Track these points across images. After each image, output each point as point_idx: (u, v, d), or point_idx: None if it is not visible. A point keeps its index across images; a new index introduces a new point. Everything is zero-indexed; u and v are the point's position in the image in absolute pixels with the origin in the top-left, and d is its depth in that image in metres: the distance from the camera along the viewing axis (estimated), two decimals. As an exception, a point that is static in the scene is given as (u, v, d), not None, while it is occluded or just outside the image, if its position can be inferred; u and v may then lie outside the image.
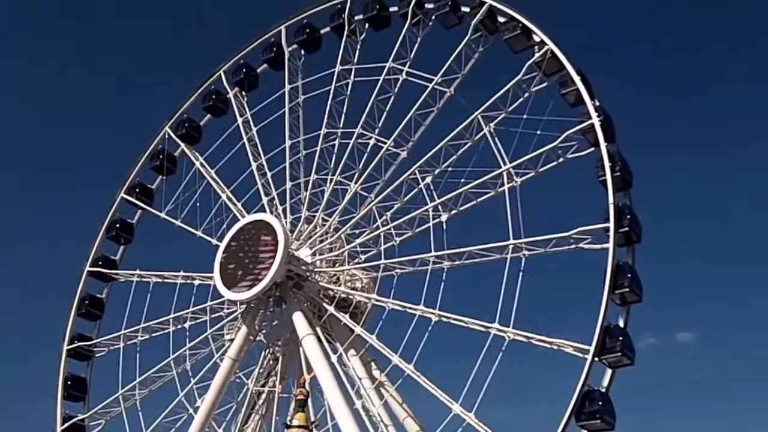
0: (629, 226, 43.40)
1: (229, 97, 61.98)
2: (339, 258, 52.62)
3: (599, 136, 44.52)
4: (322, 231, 53.30)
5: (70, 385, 59.40)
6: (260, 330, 53.34)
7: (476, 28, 51.51)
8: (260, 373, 53.10)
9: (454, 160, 50.03)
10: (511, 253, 45.72)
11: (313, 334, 50.44)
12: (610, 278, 41.73)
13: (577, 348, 41.92)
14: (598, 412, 41.04)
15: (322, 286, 52.02)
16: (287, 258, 50.38)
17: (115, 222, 62.88)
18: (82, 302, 61.37)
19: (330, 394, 47.94)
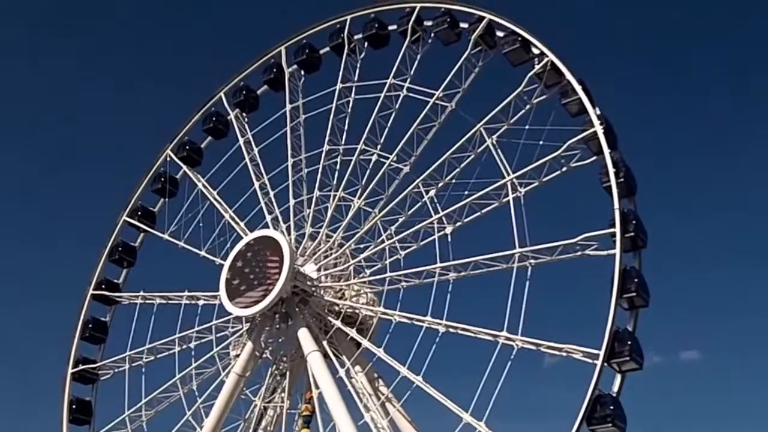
0: (635, 231, 43.84)
1: (229, 119, 62.40)
2: (344, 273, 52.78)
3: (603, 144, 44.99)
4: (326, 247, 53.46)
5: (75, 409, 59.11)
6: (266, 346, 53.36)
7: (476, 42, 52.02)
8: (266, 390, 53.04)
9: (457, 172, 50.37)
10: (517, 263, 45.98)
11: (318, 351, 50.45)
12: (618, 282, 41.97)
13: (587, 353, 42.10)
14: (610, 416, 41.18)
15: (327, 301, 52.10)
16: (293, 274, 50.51)
17: (118, 245, 62.94)
18: (86, 326, 61.29)
19: (335, 411, 47.92)
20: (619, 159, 45.39)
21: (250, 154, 59.59)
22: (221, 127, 62.86)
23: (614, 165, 44.49)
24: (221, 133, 63.08)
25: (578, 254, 45.01)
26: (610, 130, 46.01)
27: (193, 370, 55.27)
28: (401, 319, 49.30)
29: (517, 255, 46.00)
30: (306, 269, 52.43)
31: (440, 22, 54.12)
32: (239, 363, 51.97)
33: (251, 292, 50.85)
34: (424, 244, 50.40)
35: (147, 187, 63.63)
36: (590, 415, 40.97)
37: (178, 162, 62.78)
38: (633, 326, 43.24)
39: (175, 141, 63.37)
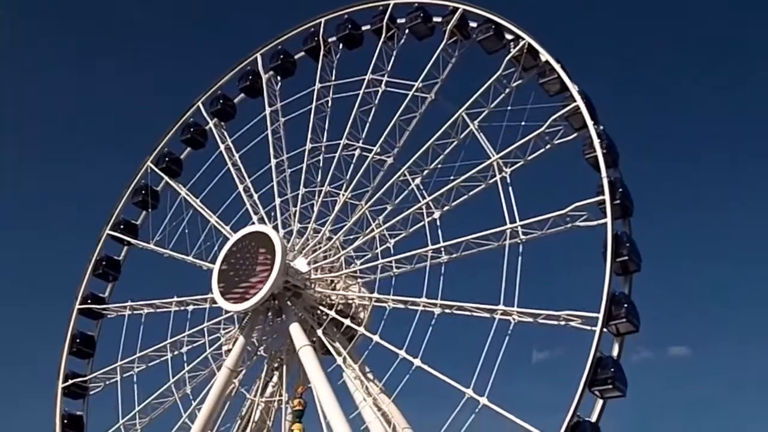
0: (621, 198, 44.80)
1: (207, 129, 62.86)
2: (335, 265, 53.17)
3: (585, 116, 46.03)
4: (315, 241, 53.87)
5: (67, 424, 58.59)
6: (259, 342, 53.56)
7: (451, 33, 53.07)
8: (258, 384, 53.16)
9: (441, 159, 51.08)
10: (508, 239, 46.67)
11: (309, 345, 50.70)
12: (612, 246, 42.87)
13: (585, 318, 42.82)
14: (611, 379, 41.86)
15: (320, 293, 52.40)
16: (285, 269, 50.80)
17: (102, 260, 62.83)
18: (74, 340, 60.92)
19: (327, 405, 48.12)
20: (602, 131, 46.39)
21: (232, 159, 60.00)
22: (199, 137, 63.32)
23: (598, 136, 45.49)
24: (199, 143, 63.53)
25: (569, 226, 45.79)
26: (590, 104, 47.05)
27: (187, 374, 55.05)
28: (395, 305, 49.65)
29: (508, 231, 46.73)
30: (296, 264, 52.71)
31: (413, 17, 55.14)
32: (231, 357, 52.09)
33: (243, 288, 51.07)
34: (413, 231, 50.97)
35: (128, 201, 63.65)
36: (592, 378, 41.55)
37: (159, 173, 62.94)
38: (628, 290, 44.05)
39: (155, 153, 63.60)
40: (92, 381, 59.76)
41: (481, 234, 47.77)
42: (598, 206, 44.87)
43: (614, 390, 42.18)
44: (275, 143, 58.46)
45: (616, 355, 43.22)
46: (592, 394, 42.23)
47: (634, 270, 44.43)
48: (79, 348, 61.07)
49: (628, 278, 44.55)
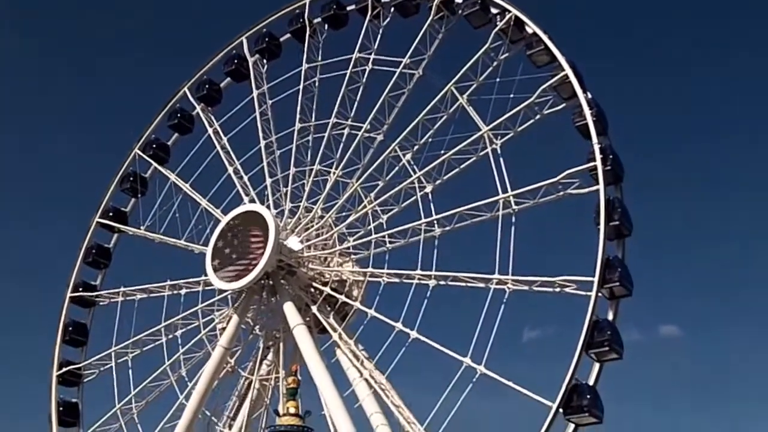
0: (612, 164, 45.26)
1: (194, 114, 62.84)
2: (328, 242, 53.38)
3: (575, 84, 46.41)
4: (307, 220, 54.05)
5: (63, 411, 58.48)
6: (254, 323, 53.71)
7: (437, 9, 53.31)
8: (255, 363, 53.40)
9: (432, 133, 51.32)
10: (501, 209, 47.05)
11: (303, 324, 50.91)
12: (605, 211, 43.33)
13: (580, 283, 43.27)
14: (607, 341, 42.37)
15: (314, 270, 52.60)
16: (278, 248, 50.95)
17: (92, 248, 62.69)
18: (66, 329, 60.80)
19: (321, 383, 48.52)
20: (591, 99, 46.81)
21: (221, 142, 60.02)
22: (186, 123, 63.25)
23: (587, 104, 45.92)
24: (186, 128, 63.48)
25: (561, 194, 46.22)
26: (578, 73, 47.46)
27: (182, 356, 55.08)
28: (390, 279, 49.97)
29: (501, 201, 47.13)
30: (289, 243, 52.88)
31: (398, -5, 55.35)
32: (225, 336, 52.33)
33: (236, 267, 51.23)
34: (405, 206, 51.28)
35: (117, 188, 63.57)
36: (590, 340, 42.01)
37: (147, 160, 62.90)
38: (621, 255, 44.53)
39: (142, 140, 63.54)
40: (86, 368, 59.64)
41: (473, 205, 48.13)
42: (590, 173, 45.33)
43: (611, 352, 42.69)
44: (263, 125, 58.53)
45: (612, 319, 43.61)
46: (589, 357, 42.65)
47: (626, 234, 45.04)
48: (72, 336, 60.96)
49: (621, 243, 45.07)
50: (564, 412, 41.70)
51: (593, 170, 44.89)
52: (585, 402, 41.51)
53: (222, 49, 62.71)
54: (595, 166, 44.70)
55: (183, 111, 63.10)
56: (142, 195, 63.09)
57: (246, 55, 61.53)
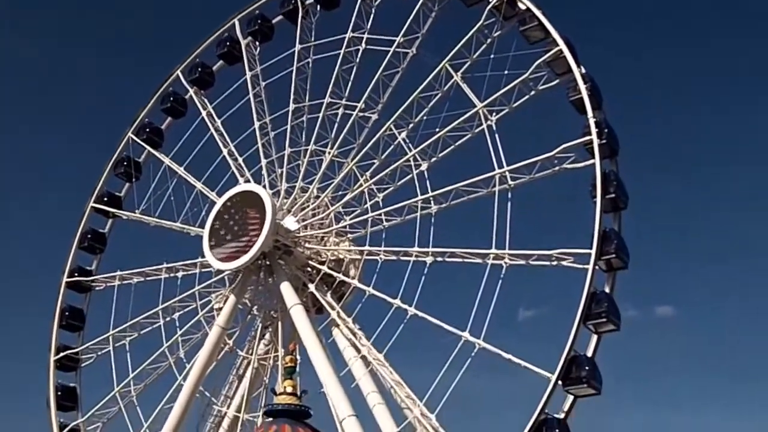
0: (608, 138, 45.45)
1: (187, 98, 62.78)
2: (324, 222, 53.51)
3: (569, 58, 46.51)
4: (303, 200, 54.14)
5: (61, 396, 58.58)
6: (252, 303, 53.88)
7: (431, -13, 53.25)
8: (250, 342, 53.75)
9: (426, 111, 51.30)
10: (498, 185, 47.20)
11: (300, 304, 51.05)
12: (601, 185, 43.56)
13: (577, 255, 43.53)
14: (605, 313, 42.69)
15: (310, 248, 52.75)
16: (275, 228, 51.03)
17: (87, 233, 62.66)
18: (63, 314, 60.82)
19: (318, 362, 48.76)
20: (585, 74, 46.98)
21: (214, 125, 60.00)
22: (179, 106, 63.15)
23: (583, 78, 46.05)
24: (179, 112, 63.38)
25: (556, 169, 46.39)
26: (572, 48, 47.55)
27: (180, 338, 55.16)
28: (387, 257, 50.09)
29: (497, 177, 47.22)
30: (286, 223, 52.96)
31: (390, -26, 55.36)
32: (222, 316, 52.48)
33: (233, 248, 51.32)
34: (401, 184, 51.34)
35: (111, 173, 63.52)
36: (587, 313, 42.27)
37: (140, 144, 62.84)
38: (618, 227, 44.80)
39: (135, 124, 63.44)
40: (84, 352, 59.70)
41: (469, 181, 48.23)
42: (585, 147, 45.49)
43: (608, 324, 43.00)
44: (257, 107, 58.47)
45: (609, 290, 43.91)
46: (587, 329, 42.93)
47: (622, 207, 45.25)
48: (69, 322, 60.94)
49: (617, 216, 45.31)
50: (563, 384, 41.91)
51: (588, 144, 45.08)
52: (584, 373, 41.80)
53: (214, 32, 62.47)
54: (590, 140, 44.87)
55: (176, 94, 63.02)
56: (136, 179, 63.06)
57: (238, 38, 61.35)
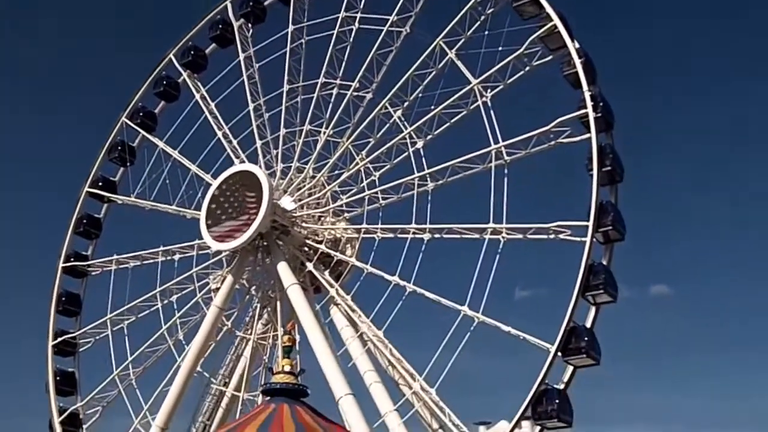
0: (603, 111, 45.73)
1: (180, 81, 62.73)
2: (321, 201, 53.71)
3: (563, 33, 46.63)
4: (299, 180, 54.29)
5: (60, 381, 58.61)
6: (250, 284, 54.15)
7: (423, -35, 53.25)
8: (248, 322, 54.03)
9: (421, 89, 51.35)
10: (494, 160, 47.41)
11: (298, 284, 51.23)
12: (597, 158, 43.84)
13: (575, 228, 43.85)
14: (602, 284, 43.06)
15: (307, 228, 52.95)
16: (272, 208, 51.14)
17: (82, 218, 62.59)
18: (60, 299, 60.78)
19: (315, 341, 49.02)
20: (580, 48, 47.17)
21: (208, 107, 59.99)
22: (172, 90, 63.05)
23: (578, 53, 46.24)
24: (172, 96, 63.25)
25: (552, 143, 46.62)
26: (566, 23, 47.71)
27: (178, 320, 55.29)
28: (385, 235, 50.29)
29: (493, 152, 47.44)
30: (282, 203, 53.07)
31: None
32: (219, 296, 52.62)
33: (230, 228, 51.41)
34: (397, 162, 51.60)
35: (105, 158, 63.45)
36: (586, 284, 42.59)
37: (134, 128, 62.81)
38: (614, 199, 45.09)
39: (129, 108, 63.39)
40: (82, 337, 59.70)
41: (466, 157, 48.44)
42: (580, 120, 45.77)
43: (606, 295, 43.35)
44: (251, 88, 58.56)
45: (606, 262, 44.24)
46: (585, 300, 43.27)
47: (618, 180, 45.58)
48: (65, 307, 60.92)
49: (614, 189, 45.63)
50: (562, 355, 42.30)
51: (584, 117, 45.35)
52: (583, 344, 42.21)
53: (206, 15, 62.44)
54: (585, 113, 45.13)
55: (169, 78, 62.95)
56: (130, 164, 63.06)
57: (231, 20, 61.36)
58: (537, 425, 42.24)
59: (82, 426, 57.64)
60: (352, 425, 44.68)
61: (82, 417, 57.64)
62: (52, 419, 57.05)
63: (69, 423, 57.68)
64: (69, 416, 57.47)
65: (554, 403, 41.59)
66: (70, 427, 57.61)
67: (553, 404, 41.57)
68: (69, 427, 57.54)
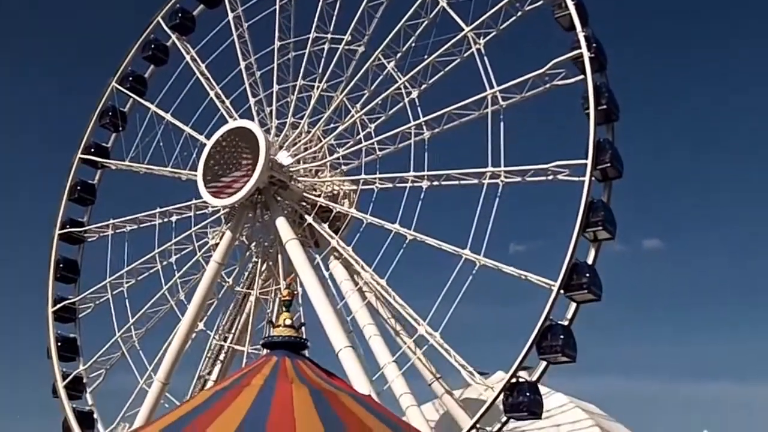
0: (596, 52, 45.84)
1: (168, 44, 62.50)
2: (318, 155, 53.91)
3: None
4: (295, 135, 54.44)
5: (62, 347, 58.73)
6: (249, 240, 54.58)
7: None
8: (248, 278, 54.36)
9: (414, 39, 51.35)
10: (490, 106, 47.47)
11: (296, 239, 51.51)
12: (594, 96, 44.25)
13: (573, 167, 44.31)
14: (601, 221, 43.55)
15: (305, 181, 53.23)
16: (269, 163, 51.29)
17: (76, 185, 62.50)
18: (58, 265, 60.78)
19: (314, 295, 49.45)
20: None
21: (199, 68, 59.88)
22: (161, 53, 62.84)
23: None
24: (161, 60, 63.07)
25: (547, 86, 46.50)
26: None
27: (179, 280, 55.48)
28: (383, 185, 50.55)
29: (489, 98, 47.58)
30: (279, 158, 53.23)
31: None
32: (218, 251, 52.86)
33: (227, 184, 51.57)
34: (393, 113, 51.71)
35: (97, 124, 63.27)
36: (586, 222, 43.06)
37: (125, 93, 62.66)
38: (611, 137, 45.48)
39: (118, 73, 63.17)
40: (82, 302, 59.76)
41: (461, 104, 48.64)
42: (574, 62, 46.01)
43: (605, 232, 43.86)
44: (242, 47, 58.49)
45: (606, 200, 44.74)
46: (584, 237, 43.76)
47: (614, 119, 45.90)
48: (63, 274, 60.93)
49: (610, 128, 45.98)
50: (565, 291, 42.80)
51: (578, 58, 45.59)
52: (585, 279, 42.72)
53: (193, -25, 62.26)
54: (580, 54, 45.36)
55: (157, 42, 62.72)
56: (122, 129, 62.91)
57: (220, -21, 61.14)
58: (542, 360, 42.80)
59: (86, 389, 57.86)
60: (352, 377, 45.03)
61: (86, 381, 57.77)
62: (55, 383, 57.05)
63: (73, 388, 57.85)
64: (72, 381, 57.58)
65: (559, 339, 42.18)
66: (74, 391, 57.81)
67: (558, 339, 42.14)
68: (73, 391, 57.74)
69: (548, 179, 45.76)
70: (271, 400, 21.01)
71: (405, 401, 46.31)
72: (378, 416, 21.05)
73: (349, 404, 20.90)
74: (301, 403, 20.63)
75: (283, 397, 21.07)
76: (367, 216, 50.21)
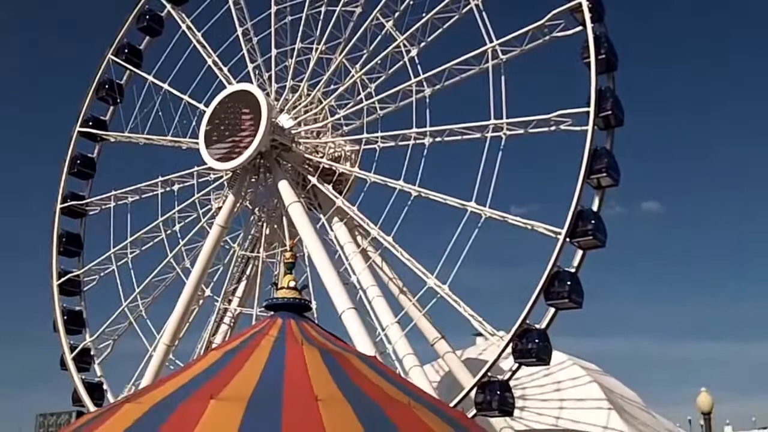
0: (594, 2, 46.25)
1: (163, 15, 62.29)
2: (319, 117, 54.08)
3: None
4: (295, 98, 54.52)
5: (68, 320, 58.82)
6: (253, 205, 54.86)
7: None
8: (249, 240, 54.78)
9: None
10: (490, 60, 47.67)
11: (299, 201, 51.72)
12: (594, 45, 44.49)
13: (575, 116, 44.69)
14: (605, 168, 43.86)
15: (307, 142, 53.39)
16: (271, 126, 51.42)
17: (76, 158, 62.47)
18: (60, 239, 60.79)
19: (317, 257, 49.64)
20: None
21: (195, 37, 59.79)
22: (155, 24, 62.69)
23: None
24: (156, 31, 62.91)
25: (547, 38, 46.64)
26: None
27: (183, 248, 55.65)
28: (385, 143, 50.77)
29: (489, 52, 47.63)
30: (281, 121, 53.34)
31: None
32: (221, 215, 53.03)
33: (230, 147, 51.67)
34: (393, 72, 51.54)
35: (94, 98, 63.21)
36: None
37: (121, 65, 62.58)
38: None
39: (114, 45, 63.05)
40: (86, 275, 59.83)
41: (461, 59, 48.78)
42: (572, 13, 46.23)
43: (609, 178, 44.14)
44: (238, 14, 58.39)
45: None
46: (588, 185, 44.08)
47: (614, 68, 46.10)
48: (66, 247, 60.92)
49: (610, 76, 46.18)
50: (570, 238, 43.16)
51: (577, 9, 45.82)
52: (590, 226, 43.05)
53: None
54: (578, 4, 45.55)
55: (151, 12, 62.54)
56: (120, 102, 62.90)
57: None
58: (549, 306, 43.16)
59: (94, 361, 58.01)
60: (355, 338, 45.19)
61: (94, 352, 57.88)
62: (63, 356, 57.16)
63: (80, 360, 58.03)
64: (80, 353, 57.71)
65: (566, 285, 42.54)
66: (82, 363, 58.00)
67: (565, 286, 42.50)
68: (80, 363, 57.92)
69: (551, 129, 45.98)
70: (284, 361, 20.75)
71: (408, 362, 46.66)
72: (386, 377, 21.01)
73: (358, 365, 20.82)
74: (313, 363, 20.43)
75: (295, 358, 20.80)
76: (370, 174, 50.32)
